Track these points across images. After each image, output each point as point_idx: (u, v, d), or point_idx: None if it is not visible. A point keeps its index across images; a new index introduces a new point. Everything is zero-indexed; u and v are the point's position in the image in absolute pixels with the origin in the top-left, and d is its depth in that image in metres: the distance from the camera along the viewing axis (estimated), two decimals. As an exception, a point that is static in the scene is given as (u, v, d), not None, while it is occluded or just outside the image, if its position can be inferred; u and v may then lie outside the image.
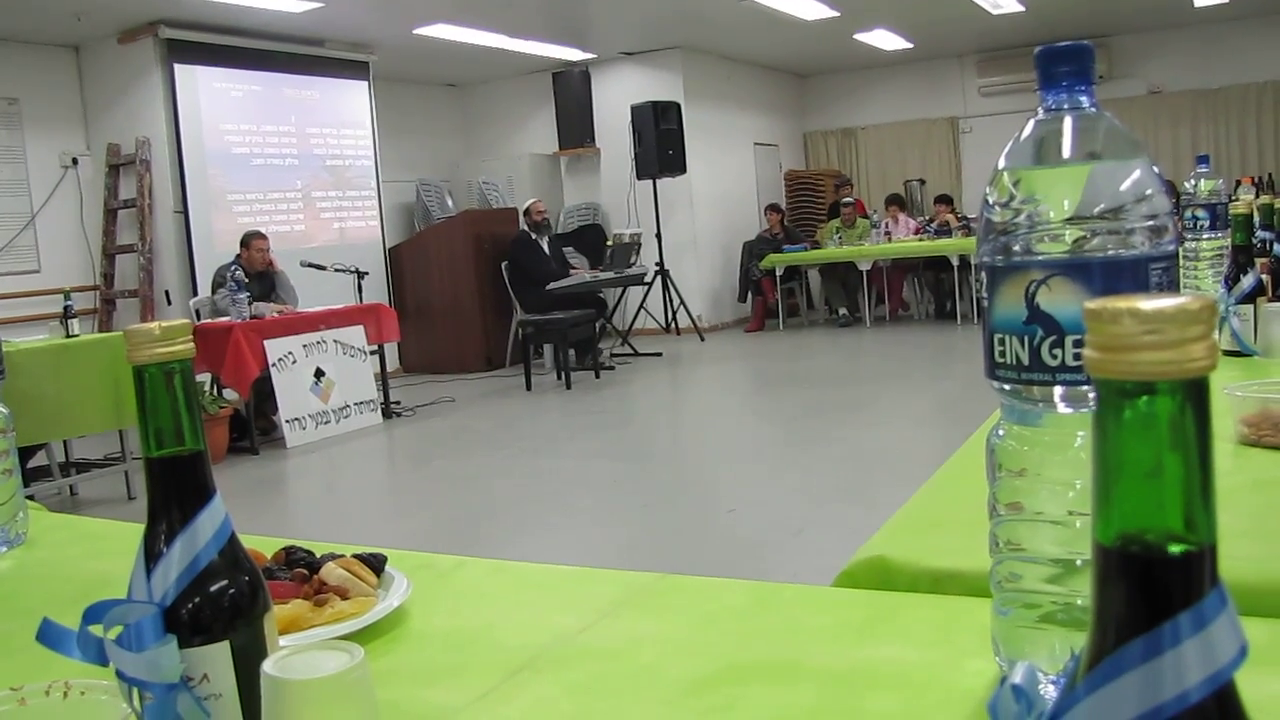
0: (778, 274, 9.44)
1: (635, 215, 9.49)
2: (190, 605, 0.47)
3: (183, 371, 0.49)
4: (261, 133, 7.51)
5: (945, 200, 9.53)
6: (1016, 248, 0.50)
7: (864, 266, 9.13)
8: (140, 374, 0.48)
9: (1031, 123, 0.52)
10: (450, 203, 9.46)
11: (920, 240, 9.08)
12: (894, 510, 0.90)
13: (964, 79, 11.10)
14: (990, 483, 0.54)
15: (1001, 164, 0.52)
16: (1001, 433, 0.53)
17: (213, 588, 0.48)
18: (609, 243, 8.46)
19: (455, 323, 8.32)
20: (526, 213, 7.95)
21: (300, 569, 0.75)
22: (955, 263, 8.65)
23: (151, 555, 0.48)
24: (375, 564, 0.77)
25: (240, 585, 0.49)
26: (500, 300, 8.24)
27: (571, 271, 7.88)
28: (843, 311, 9.58)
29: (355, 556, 0.77)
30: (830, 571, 0.81)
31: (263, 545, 0.81)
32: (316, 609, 0.70)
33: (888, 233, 9.38)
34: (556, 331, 7.03)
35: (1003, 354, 0.51)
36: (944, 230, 9.00)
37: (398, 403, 6.58)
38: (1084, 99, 0.51)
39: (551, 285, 7.63)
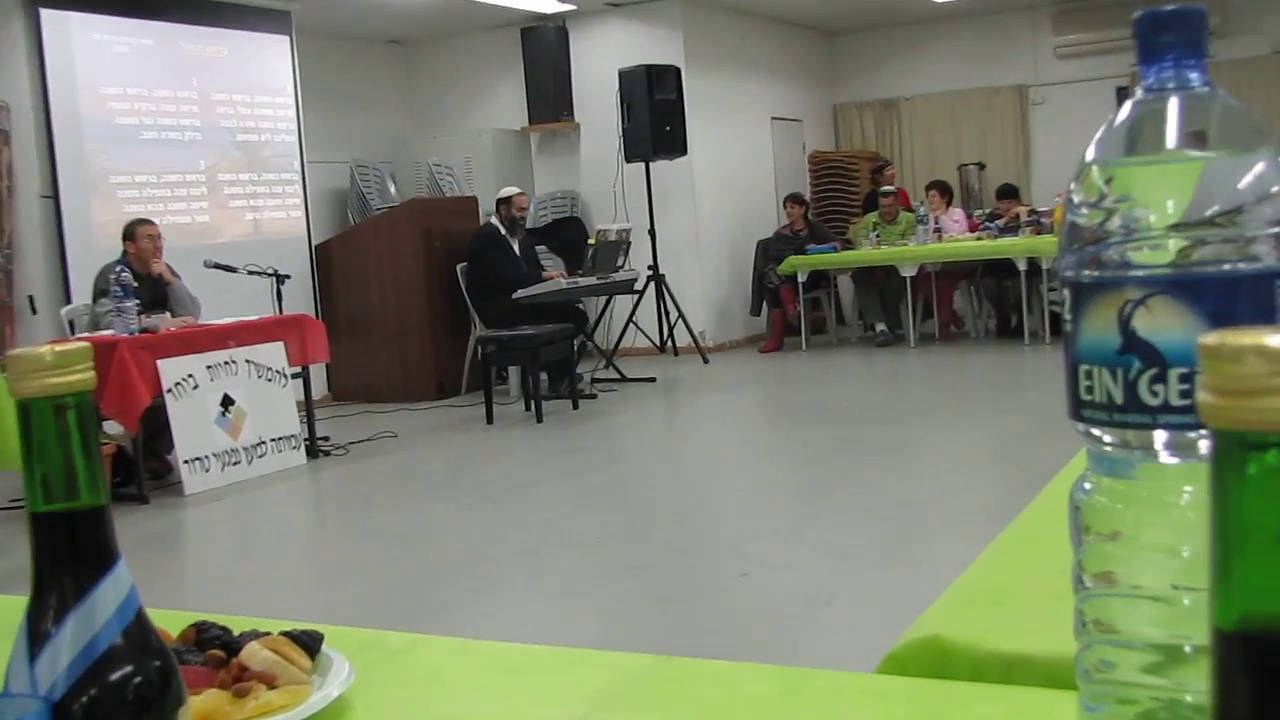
0: (800, 281, 9.49)
1: (624, 207, 9.51)
2: (85, 699, 0.46)
3: (79, 406, 0.48)
4: (154, 99, 7.48)
5: (1010, 192, 9.61)
6: (1108, 260, 0.50)
7: (908, 272, 9.18)
8: (26, 409, 0.48)
9: (1128, 105, 0.53)
10: (393, 189, 9.49)
11: (979, 240, 9.14)
12: (945, 576, 0.91)
13: (1035, 37, 11.09)
14: (1075, 548, 0.53)
15: (1090, 156, 0.53)
16: (1088, 486, 0.53)
17: (114, 677, 0.47)
18: (591, 241, 8.49)
19: (398, 339, 8.38)
20: (503, 204, 8.05)
21: (215, 650, 0.74)
22: (1023, 267, 8.67)
23: (36, 636, 0.48)
24: (309, 643, 0.77)
25: (149, 673, 0.48)
26: (455, 311, 8.30)
27: (544, 276, 7.96)
28: (881, 328, 9.65)
29: (283, 634, 0.77)
30: (868, 652, 0.82)
31: (165, 621, 0.80)
32: (237, 700, 0.69)
33: (937, 229, 9.44)
34: (525, 350, 7.04)
35: (1090, 389, 0.51)
36: (1010, 228, 9.05)
37: (326, 439, 6.62)
38: (1194, 75, 0.51)
39: (520, 294, 7.70)
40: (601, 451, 6.23)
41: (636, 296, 8.98)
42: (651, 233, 9.13)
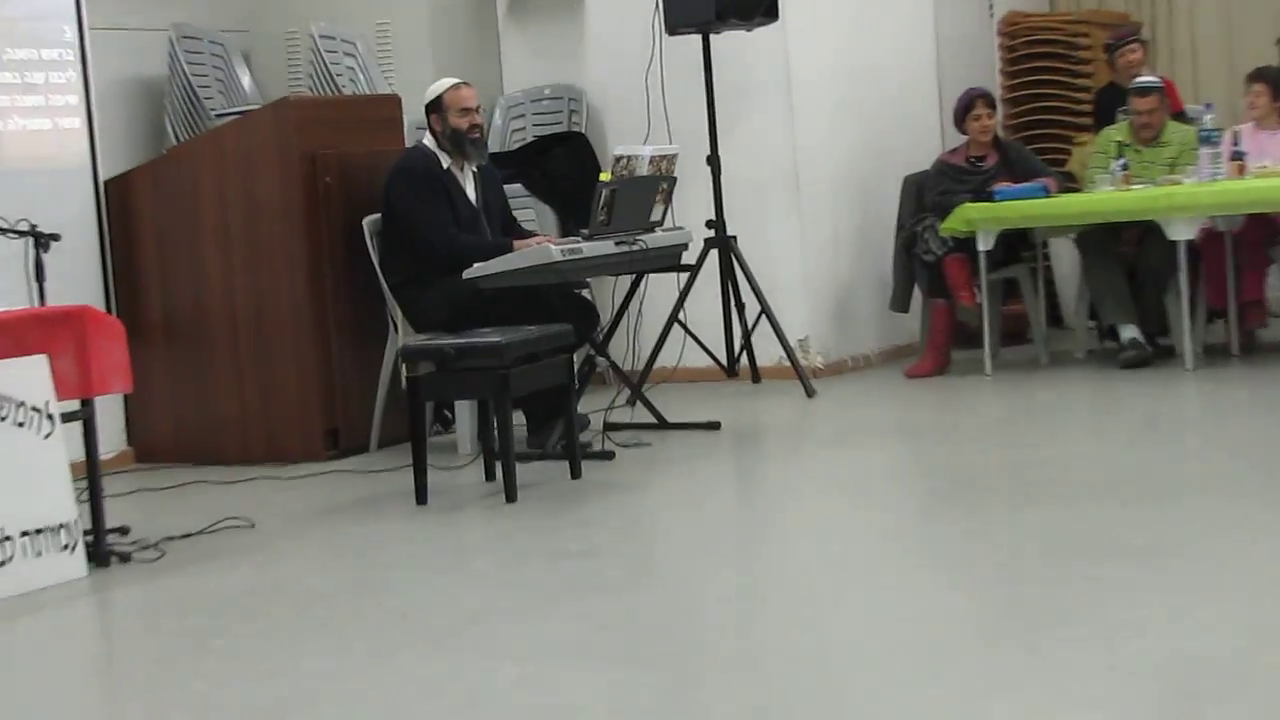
0: (983, 250, 9.46)
1: (664, 117, 9.42)
2: None
3: None
4: None
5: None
6: None
7: (1182, 234, 9.04)
8: None
9: None
10: (246, 81, 9.52)
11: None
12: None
13: None
14: None
15: None
16: None
17: None
18: (604, 178, 8.10)
19: (257, 353, 8.44)
20: (440, 109, 8.10)
21: None
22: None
23: None
24: None
25: None
26: (361, 304, 8.36)
27: (517, 242, 7.94)
28: (1130, 334, 9.54)
29: None
30: None
31: None
32: None
33: (1238, 154, 9.25)
34: (485, 374, 7.03)
35: None
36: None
37: (124, 532, 6.71)
38: None
39: (473, 271, 7.68)
40: (620, 557, 6.27)
41: (686, 278, 9.04)
42: (713, 164, 9.13)
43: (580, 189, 8.77)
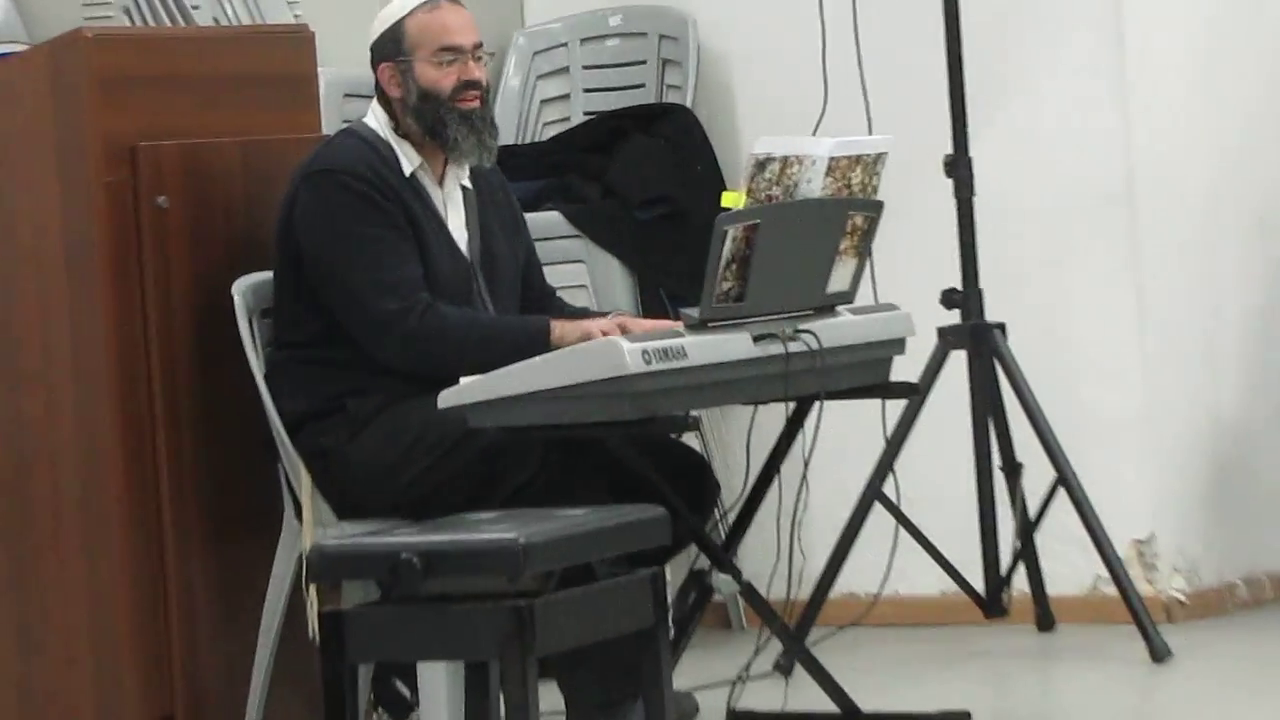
0: None
1: (851, 77, 7.13)
2: None
3: None
4: None
5: None
6: None
7: None
8: None
9: None
10: None
11: None
12: None
13: None
14: None
15: None
16: None
17: None
18: (732, 201, 6.09)
19: (9, 560, 6.55)
20: (388, 55, 6.22)
21: None
22: None
23: None
24: None
25: None
26: (221, 454, 6.57)
27: (558, 329, 5.98)
28: None
29: None
30: None
31: None
32: None
33: None
34: (477, 614, 5.45)
35: None
36: None
37: None
38: None
39: (459, 393, 5.98)
40: None
41: (901, 412, 6.79)
42: (960, 175, 6.83)
43: (681, 223, 7.26)
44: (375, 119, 5.74)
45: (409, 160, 5.66)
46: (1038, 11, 7.57)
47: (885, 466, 6.52)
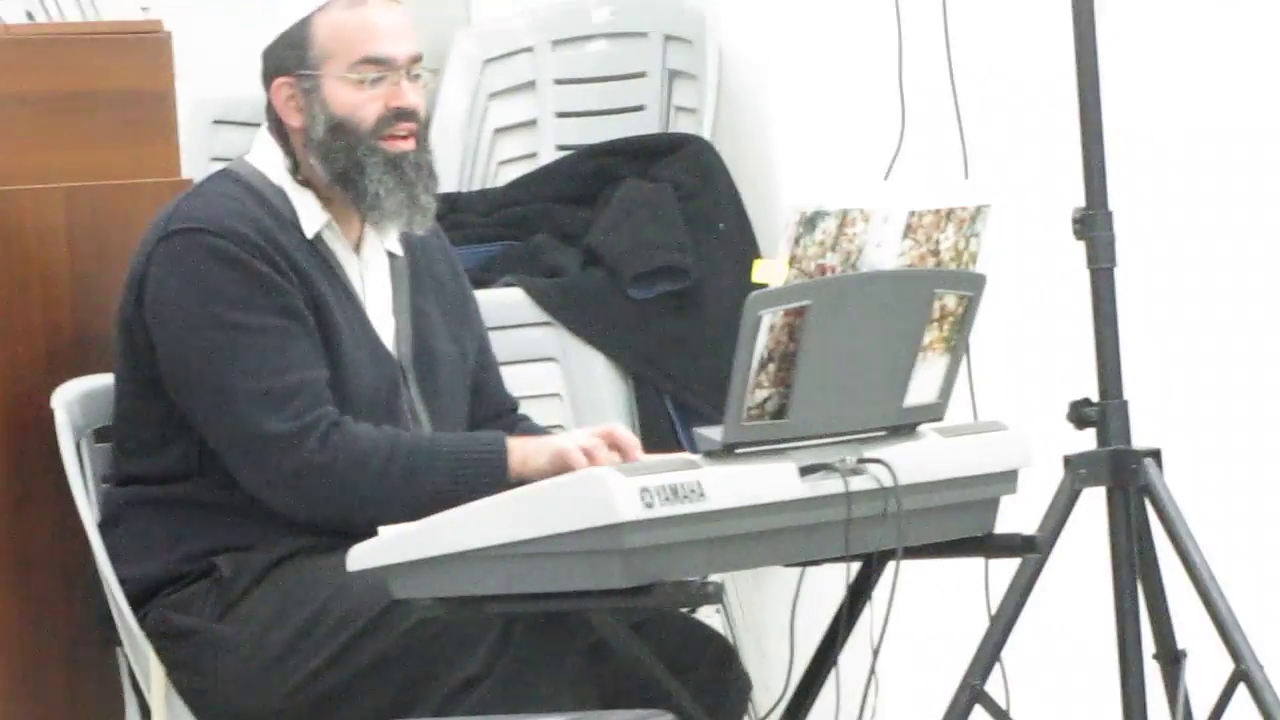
0: None
1: (943, 95, 7.32)
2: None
3: None
4: None
5: None
6: None
7: None
8: None
9: None
10: None
11: None
12: None
13: None
14: None
15: None
16: None
17: None
18: (762, 272, 5.94)
19: None
20: (288, 67, 6.32)
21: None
22: None
23: None
24: None
25: None
26: (37, 641, 7.00)
27: (518, 449, 5.94)
28: None
29: None
30: None
31: None
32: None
33: None
34: None
35: None
36: None
37: None
38: None
39: (375, 552, 5.99)
40: None
41: (1012, 581, 6.32)
42: (1094, 234, 6.36)
43: (695, 305, 6.93)
44: (264, 158, 5.16)
45: (311, 218, 5.02)
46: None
47: (990, 655, 5.72)
